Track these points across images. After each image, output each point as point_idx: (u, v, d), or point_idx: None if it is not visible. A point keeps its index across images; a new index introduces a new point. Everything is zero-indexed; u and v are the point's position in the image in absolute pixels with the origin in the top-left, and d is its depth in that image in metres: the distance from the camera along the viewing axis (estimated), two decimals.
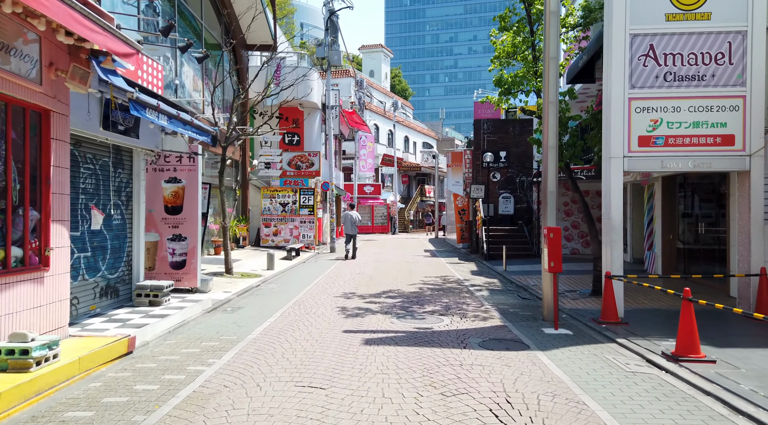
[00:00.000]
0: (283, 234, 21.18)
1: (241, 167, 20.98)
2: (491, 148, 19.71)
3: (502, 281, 12.80)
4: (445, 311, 8.83)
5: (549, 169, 8.25)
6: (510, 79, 11.60)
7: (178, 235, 9.83)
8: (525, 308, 9.29)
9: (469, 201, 21.56)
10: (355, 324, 7.76)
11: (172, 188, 9.84)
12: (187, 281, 9.84)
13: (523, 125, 19.92)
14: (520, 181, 19.82)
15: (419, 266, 16.04)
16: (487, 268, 15.72)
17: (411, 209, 46.76)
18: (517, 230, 18.96)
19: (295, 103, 23.57)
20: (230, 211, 20.02)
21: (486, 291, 11.11)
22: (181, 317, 7.64)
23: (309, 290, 11.05)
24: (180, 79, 14.79)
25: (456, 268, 15.65)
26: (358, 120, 30.64)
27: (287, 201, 21.34)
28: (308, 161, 22.87)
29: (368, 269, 15.05)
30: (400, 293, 10.59)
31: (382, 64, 58.33)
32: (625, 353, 6.27)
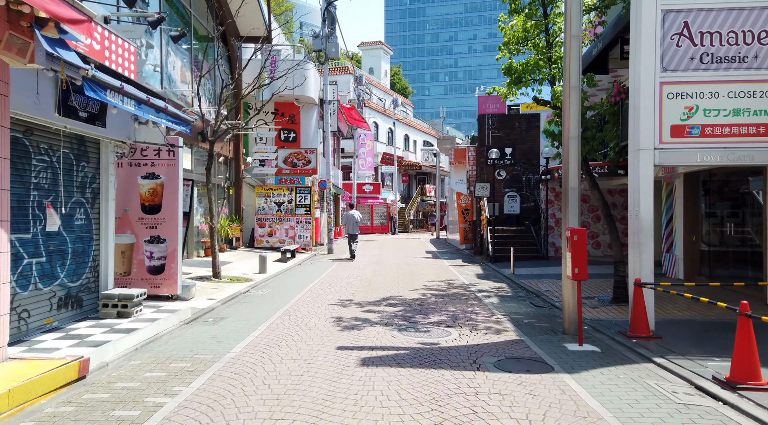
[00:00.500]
0: (279, 235, 20.24)
1: (234, 165, 20.05)
2: (496, 144, 18.77)
3: (512, 286, 11.87)
4: (453, 322, 7.89)
5: (570, 162, 7.31)
6: (521, 67, 10.66)
7: (156, 236, 8.89)
8: (541, 318, 8.35)
9: (473, 200, 20.61)
10: (351, 338, 6.82)
11: (149, 184, 8.90)
12: (167, 287, 8.90)
13: (530, 121, 18.99)
14: (526, 179, 18.90)
15: (421, 268, 15.11)
16: (493, 271, 14.79)
17: (411, 208, 45.82)
18: (524, 230, 18.03)
19: (291, 98, 22.64)
20: (223, 210, 19.10)
21: (495, 298, 10.17)
22: (153, 330, 6.70)
23: (302, 296, 10.11)
24: (166, 70, 13.85)
25: (460, 271, 14.72)
26: (357, 117, 29.70)
27: (283, 200, 20.41)
28: (305, 159, 21.93)
29: (367, 272, 14.11)
30: (401, 301, 9.65)
31: (382, 62, 57.39)
32: (668, 377, 5.33)
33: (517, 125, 19.01)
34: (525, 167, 18.93)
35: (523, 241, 17.39)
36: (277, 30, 24.53)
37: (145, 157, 8.89)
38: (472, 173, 19.56)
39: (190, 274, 12.38)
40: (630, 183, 7.55)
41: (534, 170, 18.88)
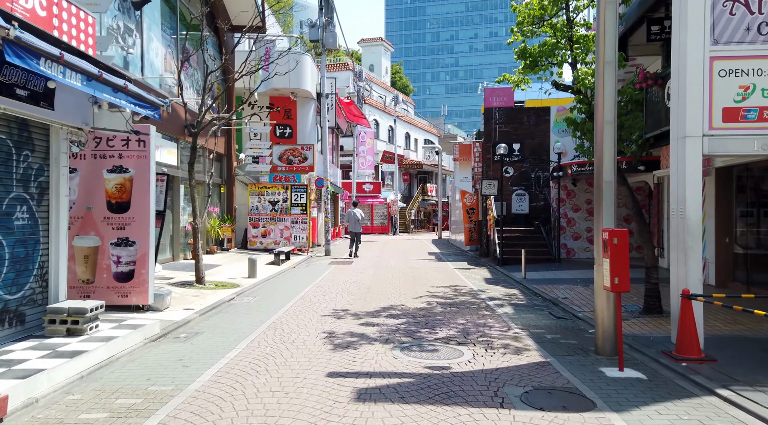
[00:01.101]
0: (273, 235, 19.15)
1: (226, 161, 18.95)
2: (503, 140, 17.66)
3: (525, 293, 10.76)
4: (464, 337, 6.79)
5: (605, 151, 6.20)
6: (536, 51, 9.56)
7: (124, 239, 7.79)
8: (565, 333, 7.24)
9: (479, 199, 19.51)
10: (344, 360, 5.72)
11: (116, 179, 7.80)
12: (137, 296, 7.80)
13: (539, 115, 17.88)
14: (535, 176, 17.79)
15: (424, 272, 14.00)
16: (502, 275, 13.68)
17: (412, 208, 44.71)
18: (533, 231, 16.92)
19: (286, 91, 21.55)
20: (214, 210, 18.00)
21: (509, 307, 9.06)
22: (107, 352, 5.60)
23: (292, 305, 9.00)
24: (147, 57, 12.75)
25: (467, 275, 13.61)
26: (356, 112, 28.59)
27: (277, 199, 19.31)
28: (301, 155, 20.82)
29: (366, 276, 13.01)
30: (403, 311, 8.55)
31: (382, 59, 56.27)
32: (745, 418, 4.23)
33: (525, 119, 17.91)
34: (534, 164, 17.83)
35: (532, 242, 16.28)
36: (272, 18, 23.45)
37: (112, 147, 7.79)
38: (477, 170, 18.47)
39: (171, 279, 11.28)
40: (673, 177, 6.44)
41: (544, 166, 17.78)
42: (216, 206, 18.22)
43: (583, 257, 16.64)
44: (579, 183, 16.62)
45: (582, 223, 16.74)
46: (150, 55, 12.86)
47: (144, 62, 12.47)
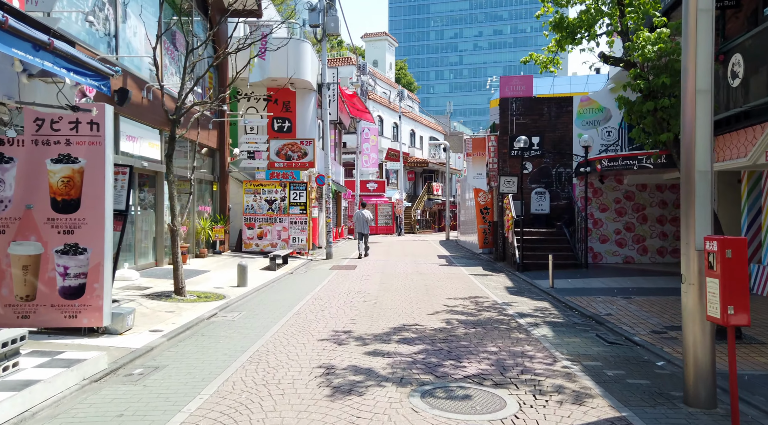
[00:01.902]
0: (270, 237, 17.63)
1: (218, 157, 17.44)
2: (521, 133, 16.10)
3: (558, 307, 9.19)
4: (501, 374, 5.25)
5: (698, 130, 4.60)
6: (575, 22, 7.99)
7: (73, 245, 6.26)
8: (628, 366, 5.67)
9: (493, 198, 17.95)
10: (346, 413, 4.18)
11: (63, 171, 6.27)
12: (88, 316, 6.27)
13: (560, 106, 16.30)
14: (556, 172, 16.21)
15: (437, 280, 12.44)
16: (525, 283, 12.12)
17: (418, 208, 43.18)
18: (555, 233, 15.34)
19: (284, 82, 19.98)
20: (206, 209, 16.49)
21: (545, 327, 7.50)
22: (17, 407, 4.07)
23: (284, 324, 7.47)
24: (123, 35, 11.22)
25: (485, 283, 12.05)
26: (360, 107, 27.05)
27: (275, 198, 17.79)
28: (300, 150, 19.30)
29: (371, 285, 11.46)
30: (419, 333, 7.00)
31: (387, 54, 54.72)
32: None
33: (545, 110, 16.33)
34: (555, 159, 16.25)
35: (555, 246, 14.71)
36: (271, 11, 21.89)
37: (57, 132, 6.25)
38: (492, 166, 16.90)
39: (147, 289, 9.77)
40: None
41: (566, 162, 16.20)
42: (207, 206, 16.73)
43: (612, 262, 15.05)
44: (607, 180, 15.04)
45: (610, 224, 15.15)
46: (125, 33, 11.33)
47: (119, 42, 10.95)
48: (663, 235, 14.99)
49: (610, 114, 15.96)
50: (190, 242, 15.22)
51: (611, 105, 15.94)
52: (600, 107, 16.01)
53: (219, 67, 17.25)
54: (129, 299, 8.69)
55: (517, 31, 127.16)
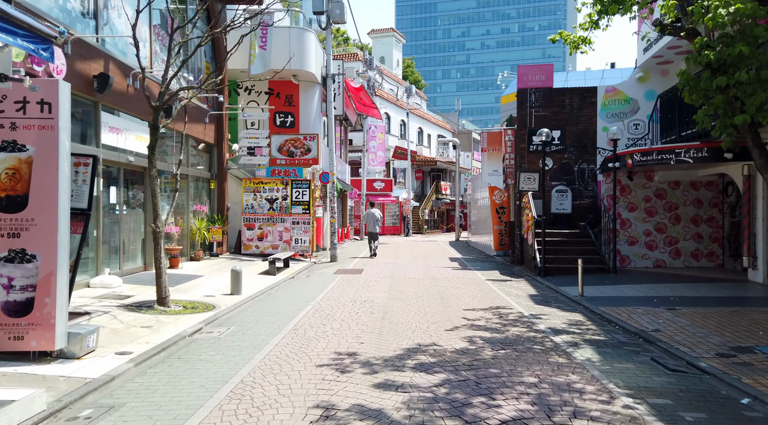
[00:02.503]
0: (271, 238, 16.53)
1: (216, 153, 16.37)
2: (541, 126, 14.91)
3: (594, 321, 8.01)
4: (547, 416, 4.09)
5: None
6: None
7: (19, 251, 5.16)
8: (709, 406, 4.48)
9: (510, 196, 16.76)
10: None
11: (7, 161, 5.17)
12: (37, 337, 5.17)
13: (583, 97, 15.09)
14: (579, 169, 15.00)
15: (452, 286, 11.28)
16: (550, 291, 10.94)
17: (426, 207, 42.01)
18: (578, 234, 14.13)
19: (287, 74, 18.87)
20: (202, 208, 15.42)
21: (588, 348, 6.32)
22: None
23: (278, 344, 6.34)
24: (106, 16, 10.14)
25: (505, 290, 10.88)
26: (367, 102, 25.92)
27: (276, 196, 16.68)
28: (303, 146, 18.19)
29: (380, 292, 10.32)
30: (438, 355, 5.85)
31: (394, 50, 53.57)
32: None
33: (567, 101, 15.12)
34: (578, 154, 15.04)
35: (579, 248, 13.50)
36: None
37: (0, 113, 5.17)
38: (509, 163, 15.71)
39: (128, 298, 8.69)
40: None
41: (589, 157, 14.99)
42: (204, 205, 15.65)
43: (641, 266, 13.83)
44: (636, 177, 13.82)
45: (639, 225, 13.93)
46: (108, 12, 10.23)
47: (98, 21, 9.85)
48: (698, 237, 13.74)
49: (638, 105, 14.75)
50: (184, 244, 14.14)
51: (639, 96, 14.75)
52: (626, 98, 14.79)
53: (216, 57, 16.18)
54: (103, 310, 7.60)
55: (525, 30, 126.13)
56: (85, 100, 9.47)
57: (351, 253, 19.89)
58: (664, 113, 12.92)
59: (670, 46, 12.73)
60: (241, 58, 17.22)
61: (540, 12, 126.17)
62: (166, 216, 9.28)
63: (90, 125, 9.73)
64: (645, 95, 14.68)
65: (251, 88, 19.64)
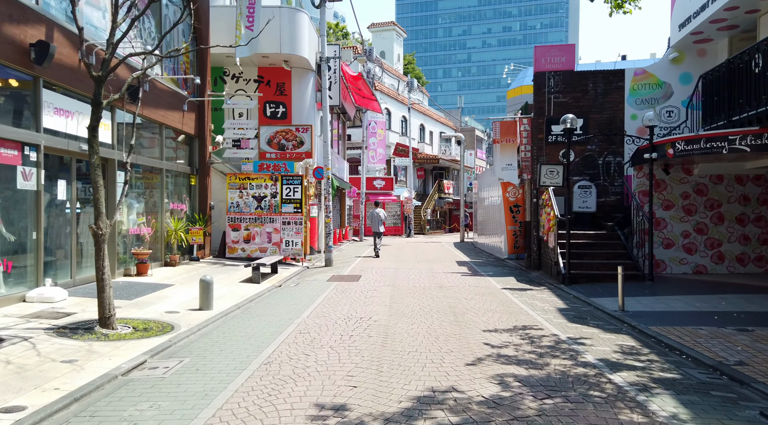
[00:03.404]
0: (258, 240, 14.83)
1: (198, 145, 14.68)
2: (561, 113, 13.24)
3: (649, 345, 6.32)
4: None
5: None
6: None
7: None
8: None
9: (525, 193, 15.05)
10: None
11: None
12: None
13: (609, 81, 13.39)
14: (604, 162, 13.30)
15: (464, 297, 9.57)
16: (581, 303, 9.23)
17: (428, 207, 40.29)
18: (606, 235, 12.42)
19: (278, 59, 17.21)
20: (181, 207, 13.74)
21: (665, 394, 4.61)
22: None
23: (239, 389, 4.63)
24: None
25: (527, 302, 9.17)
26: (366, 93, 24.22)
27: (264, 194, 14.98)
28: (296, 139, 16.50)
29: (379, 306, 8.61)
30: (461, 412, 4.13)
31: (394, 45, 51.89)
32: None
33: (590, 86, 13.42)
34: (602, 146, 13.35)
35: (607, 252, 11.82)
36: None
37: None
38: (525, 155, 14.02)
39: (69, 316, 7.00)
40: None
41: (616, 149, 13.29)
42: (183, 203, 13.96)
43: (678, 272, 12.13)
44: (672, 170, 12.12)
45: (676, 225, 12.22)
46: None
47: None
48: (744, 238, 12.03)
49: (671, 90, 13.05)
50: (158, 247, 12.45)
51: (672, 79, 13.04)
52: (658, 82, 13.09)
53: (198, 38, 14.48)
54: (23, 336, 5.91)
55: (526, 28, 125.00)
56: (19, 74, 7.78)
57: (349, 256, 18.21)
58: (708, 96, 11.21)
59: (714, 19, 11.04)
60: (225, 40, 15.53)
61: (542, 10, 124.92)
62: (115, 214, 7.58)
63: (27, 104, 8.04)
64: (680, 79, 12.98)
65: (239, 76, 17.97)
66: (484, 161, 53.22)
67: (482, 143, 53.87)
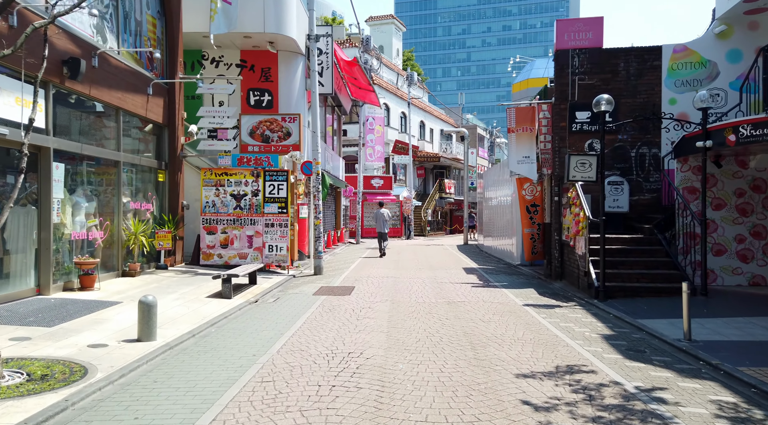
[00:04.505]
0: (238, 245, 12.89)
1: (167, 135, 12.76)
2: (586, 98, 11.36)
3: (757, 402, 4.40)
4: None
5: None
6: None
7: None
8: None
9: (544, 190, 13.14)
10: None
11: None
12: None
13: (643, 59, 11.49)
14: (638, 154, 11.41)
15: (480, 317, 7.63)
16: (627, 326, 7.30)
17: (428, 207, 38.38)
18: (643, 240, 10.50)
19: (262, 40, 15.28)
20: (145, 207, 11.83)
21: None
22: None
23: None
24: None
25: (560, 325, 7.24)
26: (363, 83, 22.28)
27: (244, 191, 13.04)
28: (282, 130, 14.58)
29: (374, 334, 6.67)
30: None
31: (393, 39, 49.98)
32: None
33: (621, 66, 11.52)
34: (636, 135, 11.45)
35: (647, 260, 9.92)
36: None
37: None
38: (545, 147, 12.10)
39: None
40: None
41: (651, 139, 11.40)
42: (150, 202, 12.05)
43: (731, 284, 10.23)
44: (725, 163, 10.21)
45: (728, 227, 10.32)
46: None
47: None
48: None
49: (717, 70, 11.15)
50: (114, 254, 10.53)
51: (719, 57, 11.13)
52: (702, 61, 11.19)
53: (167, 10, 12.56)
54: None
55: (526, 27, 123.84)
56: None
57: (343, 260, 16.30)
58: None
59: None
60: (202, 18, 13.63)
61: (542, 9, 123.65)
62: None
63: None
64: (727, 56, 11.08)
65: (219, 60, 16.05)
66: (486, 160, 51.34)
67: (484, 142, 52.00)
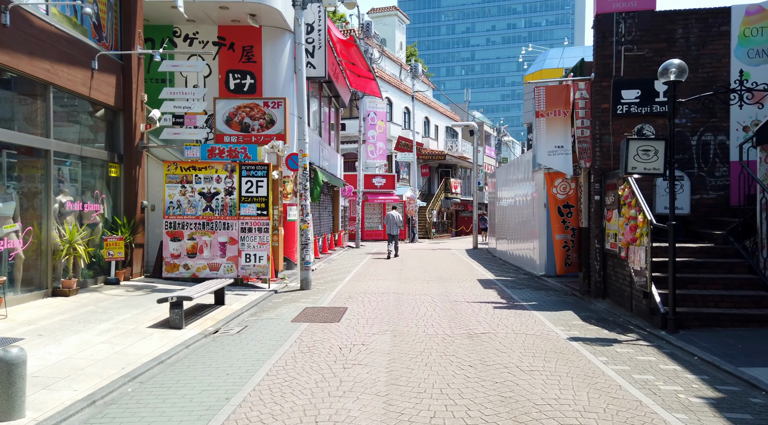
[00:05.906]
0: (208, 254, 10.65)
1: (122, 121, 10.55)
2: (635, 72, 9.10)
3: None
4: None
5: None
6: None
7: None
8: None
9: (580, 188, 10.85)
10: None
11: None
12: None
13: (708, 24, 9.23)
14: (700, 143, 9.16)
15: (515, 362, 5.37)
16: (731, 378, 5.02)
17: (434, 208, 36.11)
18: (715, 251, 8.21)
19: (242, 12, 12.99)
20: (93, 207, 9.62)
21: None
22: None
23: None
24: None
25: (639, 381, 4.97)
26: (362, 70, 20.02)
27: (216, 189, 10.80)
28: (263, 116, 12.35)
29: (365, 399, 4.40)
30: None
31: (396, 32, 47.78)
32: None
33: (679, 33, 9.26)
34: (697, 120, 9.18)
35: (725, 277, 7.65)
36: None
37: None
38: (582, 134, 9.82)
39: None
40: None
41: (718, 123, 9.14)
42: (98, 203, 9.84)
43: None
44: None
45: None
46: None
47: None
48: None
49: None
50: (41, 267, 8.30)
51: None
52: None
53: None
54: None
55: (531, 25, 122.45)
56: None
57: (338, 269, 14.06)
58: None
59: None
60: None
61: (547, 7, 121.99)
62: None
63: None
64: None
65: (193, 37, 13.83)
66: (493, 159, 49.10)
67: (491, 140, 49.77)
